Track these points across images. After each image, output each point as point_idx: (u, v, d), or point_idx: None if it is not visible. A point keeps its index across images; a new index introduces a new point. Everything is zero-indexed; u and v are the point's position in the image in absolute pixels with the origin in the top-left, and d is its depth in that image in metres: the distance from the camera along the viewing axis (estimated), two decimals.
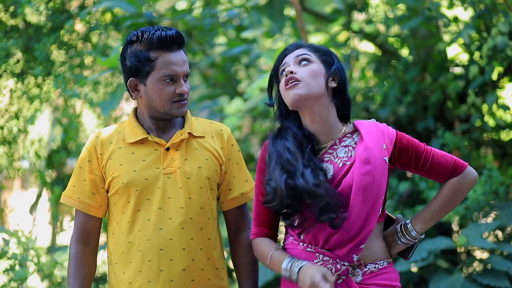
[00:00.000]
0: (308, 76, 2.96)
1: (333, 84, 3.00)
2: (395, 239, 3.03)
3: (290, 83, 2.95)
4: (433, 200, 3.00)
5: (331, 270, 2.90)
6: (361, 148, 2.90)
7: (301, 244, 2.96)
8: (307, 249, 2.94)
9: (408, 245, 3.03)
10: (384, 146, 2.90)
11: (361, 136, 2.94)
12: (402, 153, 2.93)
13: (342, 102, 3.03)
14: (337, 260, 2.90)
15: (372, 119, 3.01)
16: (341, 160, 2.94)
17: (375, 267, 2.93)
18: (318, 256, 2.92)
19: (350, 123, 3.07)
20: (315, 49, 3.04)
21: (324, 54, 3.02)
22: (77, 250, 3.18)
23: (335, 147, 2.97)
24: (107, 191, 3.18)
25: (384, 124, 2.97)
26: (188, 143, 3.19)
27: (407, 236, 3.00)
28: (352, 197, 2.86)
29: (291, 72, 2.95)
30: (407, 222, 3.03)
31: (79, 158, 3.23)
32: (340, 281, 2.90)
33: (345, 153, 2.95)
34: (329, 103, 2.99)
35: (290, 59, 3.01)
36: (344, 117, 3.06)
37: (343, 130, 3.01)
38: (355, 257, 2.89)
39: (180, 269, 3.11)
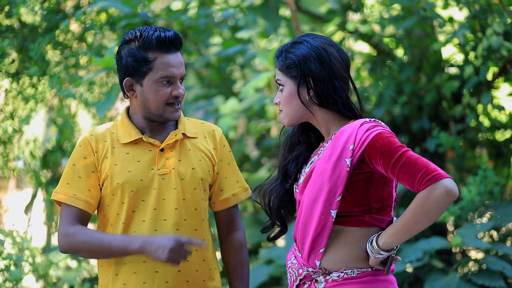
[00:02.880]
0: (284, 105, 2.94)
1: (310, 94, 2.88)
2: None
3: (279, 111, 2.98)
4: (402, 215, 2.75)
5: (294, 273, 2.88)
6: (327, 147, 2.85)
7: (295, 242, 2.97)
8: (293, 248, 2.94)
9: (381, 258, 2.79)
10: (352, 147, 2.76)
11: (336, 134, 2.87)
12: (372, 157, 2.74)
13: (335, 102, 2.88)
14: (302, 264, 2.85)
15: (369, 119, 2.86)
16: (320, 156, 2.90)
17: (338, 276, 2.79)
18: (291, 257, 2.92)
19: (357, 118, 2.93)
20: (284, 65, 2.92)
21: (288, 68, 2.90)
22: (78, 228, 3.09)
23: (329, 141, 2.90)
24: (101, 190, 3.16)
25: (371, 125, 2.79)
26: (181, 144, 3.18)
27: (373, 248, 2.78)
28: (304, 195, 2.86)
29: (276, 103, 2.98)
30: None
31: (71, 156, 3.17)
32: (305, 286, 2.86)
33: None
34: (320, 110, 2.91)
35: (277, 77, 2.99)
36: (352, 113, 2.92)
37: (343, 125, 2.90)
38: (317, 262, 2.81)
39: (175, 270, 3.10)
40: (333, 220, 2.78)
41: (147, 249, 2.97)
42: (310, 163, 2.93)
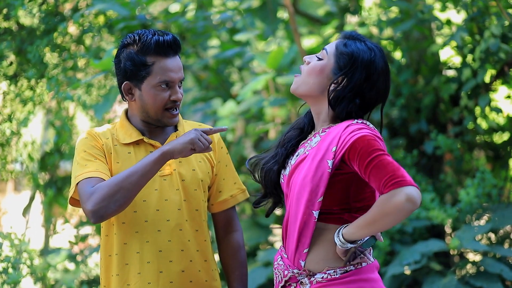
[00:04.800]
0: (308, 72, 2.92)
1: (331, 88, 2.88)
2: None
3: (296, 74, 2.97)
4: (367, 211, 2.73)
5: (280, 274, 2.88)
6: (314, 147, 2.86)
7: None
8: (280, 249, 2.95)
9: (346, 248, 2.77)
10: (334, 148, 2.77)
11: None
12: (351, 157, 2.74)
13: (341, 104, 2.87)
14: (288, 266, 2.85)
15: (357, 120, 2.84)
16: (305, 150, 2.90)
17: (322, 278, 2.79)
18: (277, 258, 2.93)
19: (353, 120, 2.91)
20: (343, 46, 2.90)
21: (341, 54, 2.88)
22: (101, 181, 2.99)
23: (316, 135, 2.91)
24: None
25: (356, 128, 2.78)
26: None
27: (338, 237, 2.77)
28: (289, 193, 2.88)
29: (306, 61, 2.96)
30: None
31: (78, 148, 3.11)
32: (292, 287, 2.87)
33: (315, 143, 2.89)
34: (326, 102, 2.91)
35: (327, 47, 2.94)
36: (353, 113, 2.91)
37: (329, 124, 2.91)
38: (302, 263, 2.82)
39: (179, 270, 3.12)
40: (316, 220, 2.79)
41: (171, 147, 2.95)
42: (296, 155, 2.94)
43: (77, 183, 2.99)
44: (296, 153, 2.96)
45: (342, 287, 2.79)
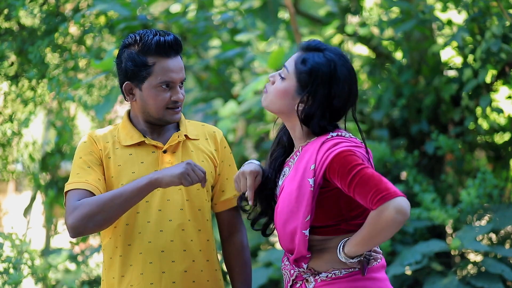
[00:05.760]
0: (274, 93, 2.92)
1: (301, 108, 2.87)
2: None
3: (264, 89, 2.98)
4: (362, 227, 2.74)
5: (287, 274, 2.91)
6: (294, 166, 2.87)
7: None
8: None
9: (354, 261, 2.80)
10: (313, 166, 2.78)
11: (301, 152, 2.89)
12: (332, 177, 2.75)
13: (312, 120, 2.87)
14: (293, 265, 2.88)
15: (331, 135, 2.84)
16: (290, 169, 2.92)
17: (327, 276, 2.82)
18: (284, 259, 2.95)
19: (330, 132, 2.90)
20: (302, 64, 2.88)
21: (301, 72, 2.86)
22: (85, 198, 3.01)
23: (297, 153, 2.92)
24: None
25: (331, 144, 2.78)
26: (184, 145, 3.19)
27: (341, 256, 2.81)
28: (276, 214, 2.90)
29: (270, 80, 2.96)
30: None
31: (76, 152, 3.14)
32: (298, 285, 2.88)
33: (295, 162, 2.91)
34: (296, 120, 2.91)
35: (287, 65, 2.94)
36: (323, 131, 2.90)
37: (309, 140, 2.91)
38: (305, 265, 2.85)
39: (182, 271, 3.11)
40: (307, 237, 2.80)
41: (160, 177, 2.94)
42: (283, 176, 2.96)
43: (66, 192, 3.04)
44: (283, 173, 2.98)
45: (347, 285, 2.81)
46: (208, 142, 3.26)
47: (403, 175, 6.10)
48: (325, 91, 2.83)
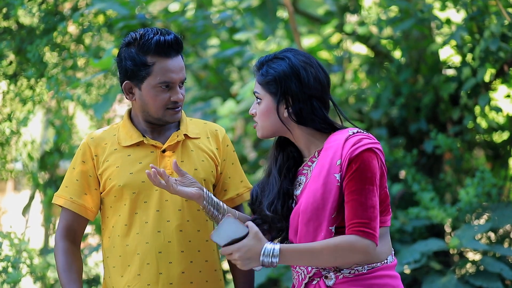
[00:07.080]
0: (260, 118, 2.97)
1: (288, 111, 2.90)
2: None
3: (254, 123, 3.02)
4: (315, 242, 2.76)
5: (303, 271, 2.90)
6: (316, 165, 2.87)
7: None
8: None
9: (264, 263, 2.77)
10: (339, 162, 2.79)
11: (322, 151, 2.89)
12: (349, 169, 2.77)
13: (311, 120, 2.90)
14: None
15: (352, 131, 2.86)
16: (308, 175, 2.92)
17: (349, 273, 2.82)
18: None
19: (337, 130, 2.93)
20: (264, 80, 2.93)
21: (268, 84, 2.92)
22: (66, 246, 3.15)
23: (313, 159, 2.93)
24: (101, 193, 3.16)
25: (356, 139, 2.81)
26: (184, 144, 3.17)
27: (271, 254, 2.75)
28: (299, 215, 2.87)
29: (253, 114, 3.01)
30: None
31: (72, 160, 3.20)
32: (314, 282, 2.87)
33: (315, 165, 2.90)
34: (299, 127, 2.93)
35: (255, 89, 2.99)
36: (331, 127, 2.93)
37: (319, 140, 2.93)
38: None
39: (179, 272, 3.10)
40: (333, 234, 2.80)
41: None
42: (299, 185, 2.96)
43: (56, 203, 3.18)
44: (297, 182, 2.97)
45: (369, 282, 2.83)
46: (210, 141, 3.24)
47: (402, 174, 6.10)
48: (295, 83, 2.87)
